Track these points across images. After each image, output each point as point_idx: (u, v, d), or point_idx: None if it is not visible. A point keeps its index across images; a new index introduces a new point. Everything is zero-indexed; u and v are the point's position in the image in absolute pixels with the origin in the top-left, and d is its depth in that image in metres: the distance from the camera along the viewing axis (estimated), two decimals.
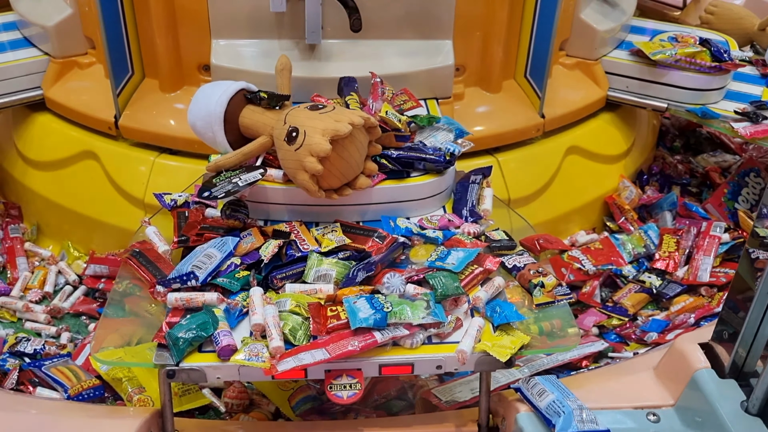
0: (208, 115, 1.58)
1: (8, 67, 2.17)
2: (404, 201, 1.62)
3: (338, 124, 1.44)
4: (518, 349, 1.30)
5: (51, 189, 2.20)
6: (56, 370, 1.70)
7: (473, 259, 1.44)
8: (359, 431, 1.41)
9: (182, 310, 1.34)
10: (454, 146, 1.66)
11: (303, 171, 1.45)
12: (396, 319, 1.29)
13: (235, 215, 1.52)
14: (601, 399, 1.32)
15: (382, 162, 1.60)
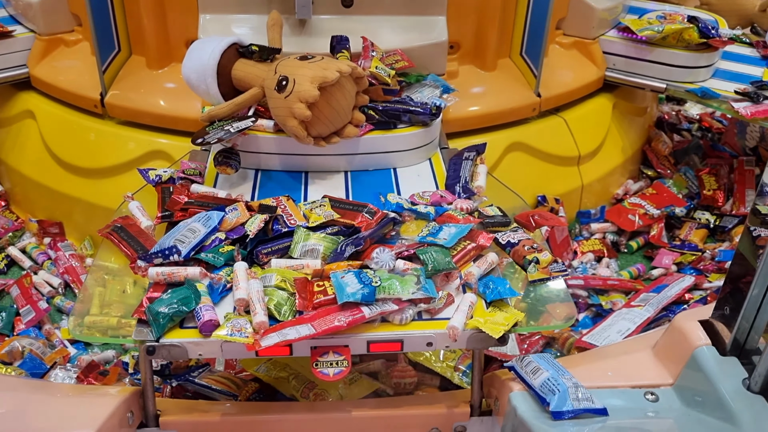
0: (202, 68, 1.63)
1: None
2: (390, 151, 1.67)
3: (326, 72, 1.49)
4: (512, 326, 1.25)
5: (34, 170, 2.16)
6: (210, 380, 1.60)
7: (466, 235, 1.40)
8: (347, 412, 1.37)
9: (164, 285, 1.29)
10: (439, 101, 1.73)
11: (292, 117, 1.50)
12: (385, 294, 1.24)
13: (227, 162, 1.56)
14: (598, 378, 1.28)
15: (369, 113, 1.66)
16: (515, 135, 2.10)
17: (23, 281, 1.96)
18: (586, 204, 2.28)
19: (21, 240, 2.16)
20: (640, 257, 2.20)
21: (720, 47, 2.21)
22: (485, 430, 1.40)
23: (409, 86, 1.83)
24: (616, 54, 2.26)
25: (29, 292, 1.93)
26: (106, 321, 1.29)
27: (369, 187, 1.63)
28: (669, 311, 1.87)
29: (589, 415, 1.17)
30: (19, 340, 1.71)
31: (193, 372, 1.60)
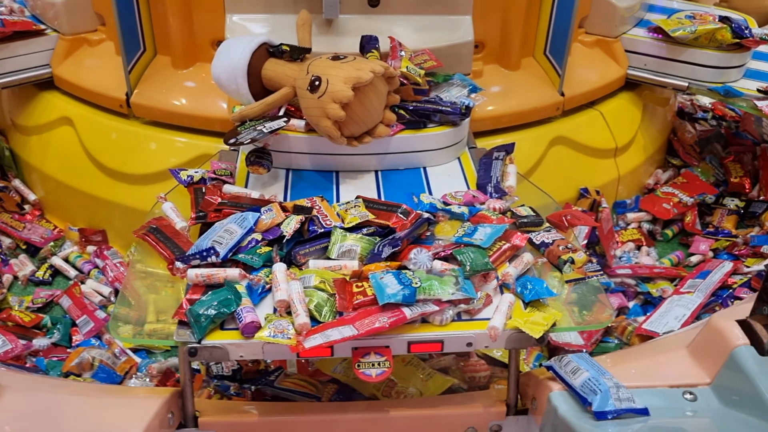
0: (232, 68, 1.63)
1: (17, 45, 2.13)
2: (421, 151, 1.68)
3: (360, 72, 1.50)
4: (551, 326, 1.26)
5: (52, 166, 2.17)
6: (289, 382, 1.60)
7: (500, 235, 1.40)
8: (385, 412, 1.37)
9: (203, 286, 1.30)
10: (468, 100, 1.74)
11: (326, 118, 1.50)
12: (425, 295, 1.24)
13: (260, 161, 1.56)
14: (635, 377, 1.28)
15: (400, 113, 1.67)
16: (554, 130, 2.13)
17: (73, 291, 1.94)
18: (621, 195, 2.33)
19: (62, 249, 2.13)
20: (676, 245, 2.26)
21: (753, 47, 2.22)
22: (521, 429, 1.41)
23: (436, 86, 1.83)
24: (646, 54, 2.26)
25: (83, 302, 1.90)
26: (167, 329, 1.27)
27: (400, 187, 1.63)
28: (717, 296, 1.95)
29: (631, 415, 1.17)
30: (88, 351, 1.70)
31: (269, 376, 1.60)
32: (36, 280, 2.03)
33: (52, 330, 1.84)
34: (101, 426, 1.15)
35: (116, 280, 1.98)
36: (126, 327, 1.26)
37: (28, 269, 2.05)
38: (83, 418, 1.19)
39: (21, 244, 2.15)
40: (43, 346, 1.78)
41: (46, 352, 1.77)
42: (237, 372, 1.64)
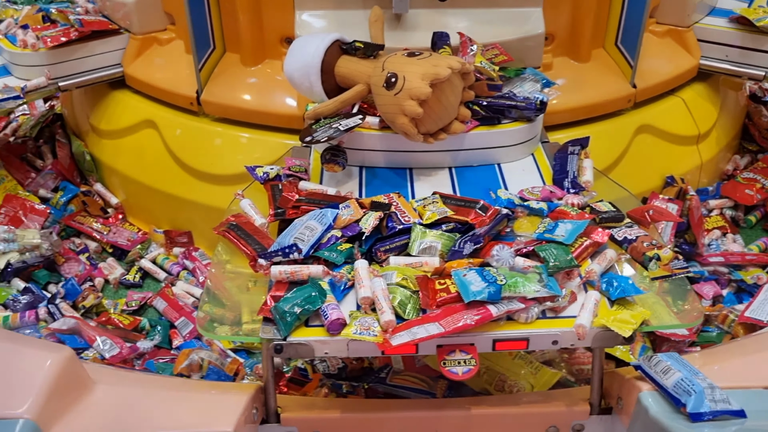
0: (305, 66, 1.63)
1: (89, 45, 2.17)
2: (495, 147, 1.65)
3: (437, 68, 1.48)
4: (640, 324, 1.23)
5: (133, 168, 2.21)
6: (401, 379, 1.61)
7: (582, 231, 1.37)
8: (466, 409, 1.36)
9: (286, 283, 1.30)
10: (542, 95, 1.69)
11: (402, 115, 1.49)
12: (510, 292, 1.23)
13: (335, 159, 1.56)
14: (728, 378, 1.24)
15: (474, 109, 1.64)
16: (630, 120, 2.10)
17: (167, 293, 1.96)
18: (702, 182, 2.29)
19: (149, 252, 2.15)
20: (760, 231, 2.22)
21: None
22: (604, 429, 1.38)
23: (508, 81, 1.80)
24: (722, 43, 2.19)
25: (178, 304, 1.92)
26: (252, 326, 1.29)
27: (474, 183, 1.61)
28: None
29: (727, 417, 1.14)
30: (196, 352, 1.72)
31: (379, 373, 1.61)
32: (127, 283, 2.05)
33: (152, 332, 1.86)
34: (192, 421, 1.17)
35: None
36: (220, 327, 1.28)
37: (118, 272, 2.06)
38: (173, 412, 1.21)
39: (107, 248, 2.16)
40: (147, 348, 1.79)
41: (151, 354, 1.79)
42: (342, 370, 1.64)
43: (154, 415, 1.19)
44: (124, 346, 1.76)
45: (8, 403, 1.11)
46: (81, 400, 1.22)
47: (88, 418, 1.18)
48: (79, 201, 2.27)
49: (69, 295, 1.94)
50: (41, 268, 2.04)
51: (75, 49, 2.15)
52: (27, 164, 2.40)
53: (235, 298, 1.36)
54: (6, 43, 2.18)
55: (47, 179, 2.33)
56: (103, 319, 1.88)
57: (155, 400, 1.24)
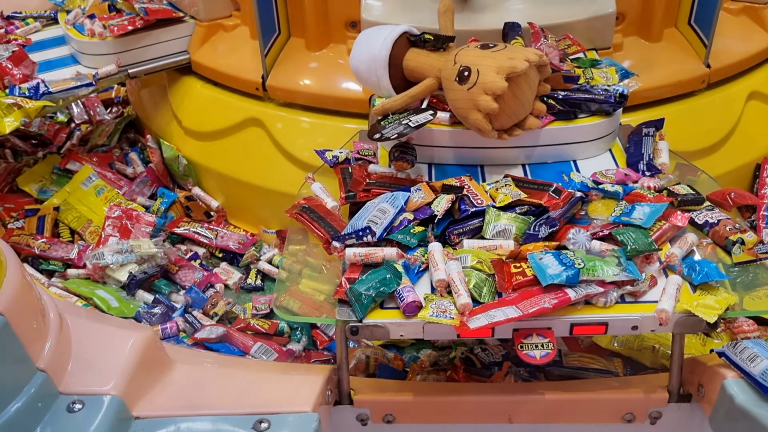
0: (372, 60, 1.57)
1: (155, 33, 2.21)
2: (570, 143, 1.57)
3: (514, 61, 1.41)
4: (725, 310, 1.19)
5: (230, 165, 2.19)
6: (576, 360, 1.58)
7: (660, 215, 1.34)
8: (540, 394, 1.35)
9: (360, 265, 1.31)
10: (622, 87, 1.59)
11: (476, 110, 1.42)
12: (588, 276, 1.20)
13: (404, 157, 1.50)
14: None
15: (549, 103, 1.55)
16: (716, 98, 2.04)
17: (296, 291, 1.88)
18: None
19: (263, 253, 2.10)
20: None
21: None
22: (683, 417, 1.35)
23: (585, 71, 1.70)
24: None
25: (314, 303, 1.83)
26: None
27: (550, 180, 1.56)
28: None
29: None
30: (362, 350, 1.70)
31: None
32: (248, 287, 2.01)
33: (294, 334, 1.83)
34: (270, 400, 1.18)
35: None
36: (292, 305, 1.29)
37: (236, 276, 2.02)
38: (251, 392, 1.22)
39: (216, 252, 2.12)
40: (299, 351, 1.77)
41: (306, 357, 1.77)
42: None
43: (234, 393, 1.21)
44: (281, 351, 1.74)
45: (96, 380, 1.14)
46: (162, 378, 1.24)
47: (169, 395, 1.21)
48: (180, 207, 2.24)
49: (195, 303, 1.90)
50: (159, 278, 2.00)
51: (141, 38, 2.18)
52: (117, 172, 2.37)
53: (302, 278, 1.36)
54: (74, 33, 2.23)
55: (143, 186, 2.28)
56: (241, 324, 1.83)
57: (232, 380, 1.26)
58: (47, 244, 2.07)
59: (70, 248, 2.07)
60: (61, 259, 2.05)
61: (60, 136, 2.57)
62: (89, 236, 2.14)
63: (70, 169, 2.32)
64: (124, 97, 2.77)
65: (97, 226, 2.14)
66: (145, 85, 2.45)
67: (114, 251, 1.95)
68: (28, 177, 2.35)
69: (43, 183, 2.33)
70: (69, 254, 2.05)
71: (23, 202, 2.27)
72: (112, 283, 1.95)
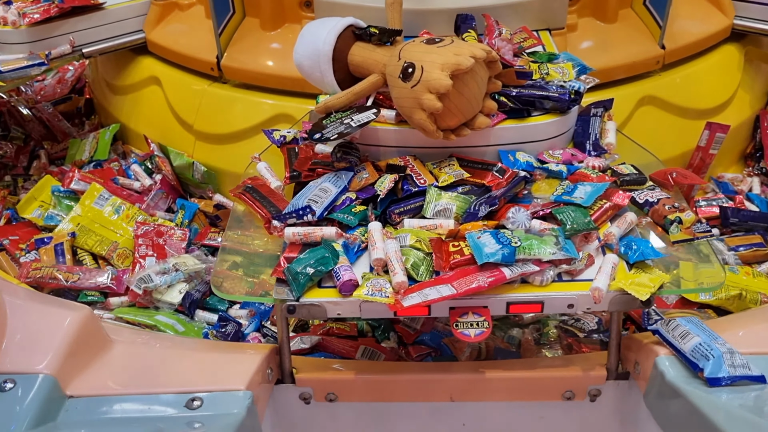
0: (316, 54, 1.49)
1: (111, 11, 2.18)
2: (525, 142, 1.49)
3: (459, 58, 1.33)
4: (658, 288, 1.20)
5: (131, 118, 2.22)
6: None
7: (602, 194, 1.34)
8: (481, 373, 1.36)
9: (299, 245, 1.30)
10: (578, 83, 1.54)
11: (420, 109, 1.35)
12: (524, 254, 1.21)
13: (346, 158, 1.44)
14: (749, 344, 1.22)
15: (501, 100, 1.48)
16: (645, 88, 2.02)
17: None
18: None
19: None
20: None
21: None
22: (621, 394, 1.37)
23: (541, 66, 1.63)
24: (763, 2, 2.10)
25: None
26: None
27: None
28: None
29: (746, 382, 1.12)
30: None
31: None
32: None
33: (378, 332, 1.72)
34: (206, 378, 1.18)
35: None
36: (229, 285, 1.29)
37: None
38: (189, 370, 1.22)
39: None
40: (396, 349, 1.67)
41: (407, 355, 1.67)
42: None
43: (170, 372, 1.21)
44: (386, 351, 1.66)
45: (29, 359, 1.14)
46: (99, 357, 1.24)
47: (105, 374, 1.21)
48: (202, 217, 2.09)
49: (260, 315, 1.79)
50: (210, 294, 1.84)
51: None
52: (123, 188, 2.17)
53: (249, 260, 1.36)
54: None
55: (158, 199, 2.10)
56: (321, 330, 1.71)
57: (170, 359, 1.26)
58: (75, 275, 1.84)
59: (100, 274, 1.85)
60: (97, 288, 1.83)
61: (20, 157, 2.42)
62: (118, 259, 1.92)
63: (75, 189, 2.09)
64: (84, 106, 2.67)
65: (125, 248, 1.93)
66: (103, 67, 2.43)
67: (158, 272, 1.79)
68: (26, 204, 2.12)
69: (44, 208, 2.11)
70: (104, 281, 1.84)
71: (28, 232, 2.04)
72: (164, 306, 1.80)
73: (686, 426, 1.13)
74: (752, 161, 2.26)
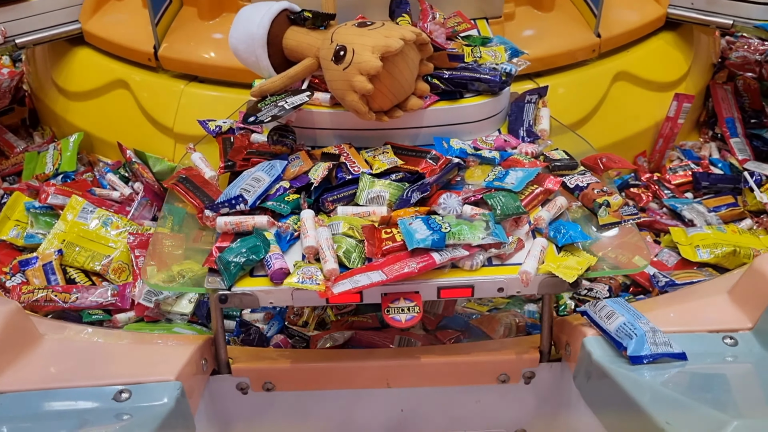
0: (251, 39, 1.49)
1: (45, 1, 2.12)
2: (458, 124, 1.52)
3: (389, 40, 1.35)
4: (585, 270, 1.23)
5: (91, 123, 2.16)
6: None
7: (533, 179, 1.36)
8: (416, 358, 1.37)
9: (232, 234, 1.30)
10: (510, 66, 1.56)
11: (352, 91, 1.37)
12: (454, 239, 1.22)
13: (282, 141, 1.46)
14: (674, 322, 1.25)
15: (434, 82, 1.51)
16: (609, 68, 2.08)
17: None
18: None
19: None
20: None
21: None
22: (555, 375, 1.39)
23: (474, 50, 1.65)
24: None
25: None
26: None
27: None
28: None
29: (668, 359, 1.15)
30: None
31: None
32: None
33: None
34: (136, 370, 1.17)
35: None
36: (159, 275, 1.27)
37: None
38: (118, 363, 1.21)
39: None
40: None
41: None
42: None
43: (99, 365, 1.19)
44: (422, 339, 1.62)
45: None
46: (27, 352, 1.22)
47: (33, 369, 1.18)
48: (191, 220, 1.99)
49: (277, 317, 1.74)
50: None
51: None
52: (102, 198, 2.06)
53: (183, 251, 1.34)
54: None
55: (142, 209, 1.99)
56: (344, 325, 1.68)
57: (101, 352, 1.24)
58: (73, 295, 1.74)
59: (100, 292, 1.75)
60: (99, 306, 1.74)
61: None
62: (114, 274, 1.81)
63: (52, 204, 1.97)
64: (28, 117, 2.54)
65: (120, 261, 1.82)
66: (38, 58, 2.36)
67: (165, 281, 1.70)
68: (1, 224, 1.97)
69: (21, 227, 1.97)
70: (105, 298, 1.74)
71: (8, 254, 1.92)
72: (176, 318, 1.73)
73: (611, 405, 1.16)
74: (706, 128, 2.40)
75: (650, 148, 2.22)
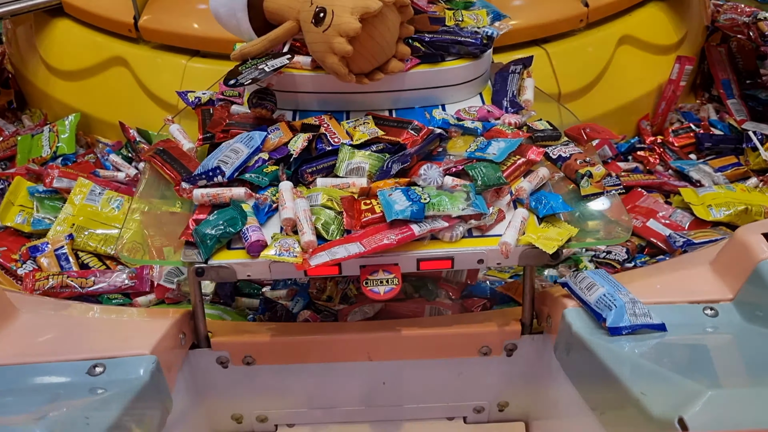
0: (231, 2, 1.48)
1: None
2: (439, 87, 1.52)
3: (368, 1, 1.34)
4: (566, 242, 1.21)
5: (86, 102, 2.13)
6: None
7: (515, 150, 1.35)
8: (397, 331, 1.36)
9: (209, 206, 1.28)
10: (491, 29, 1.56)
11: (332, 53, 1.37)
12: (434, 211, 1.21)
13: (262, 104, 1.45)
14: (654, 293, 1.24)
15: (415, 45, 1.50)
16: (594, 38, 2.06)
17: None
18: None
19: None
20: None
21: None
22: (536, 348, 1.39)
23: (455, 13, 1.65)
24: None
25: None
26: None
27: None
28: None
29: (647, 330, 1.14)
30: None
31: None
32: None
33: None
34: (111, 345, 1.16)
35: None
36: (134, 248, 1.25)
37: None
38: (94, 337, 1.19)
39: None
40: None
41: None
42: None
43: (74, 340, 1.18)
44: (453, 307, 1.60)
45: None
46: (2, 327, 1.20)
47: (7, 344, 1.17)
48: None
49: (301, 293, 1.69)
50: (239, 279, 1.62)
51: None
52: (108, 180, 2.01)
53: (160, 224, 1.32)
54: None
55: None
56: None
57: (75, 326, 1.23)
58: (89, 279, 1.70)
59: (116, 275, 1.73)
60: (118, 290, 1.71)
61: None
62: (128, 254, 1.79)
63: (58, 188, 1.94)
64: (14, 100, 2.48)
65: (134, 242, 1.82)
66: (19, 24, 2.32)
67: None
68: (4, 211, 1.93)
69: (27, 212, 1.93)
70: (123, 282, 1.72)
71: (15, 241, 1.87)
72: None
73: (590, 376, 1.16)
74: (702, 90, 2.41)
75: (653, 112, 2.22)
